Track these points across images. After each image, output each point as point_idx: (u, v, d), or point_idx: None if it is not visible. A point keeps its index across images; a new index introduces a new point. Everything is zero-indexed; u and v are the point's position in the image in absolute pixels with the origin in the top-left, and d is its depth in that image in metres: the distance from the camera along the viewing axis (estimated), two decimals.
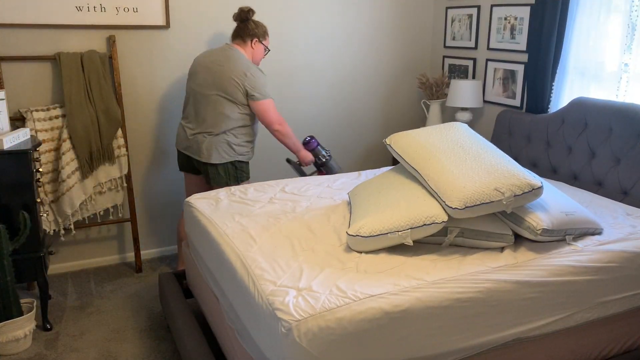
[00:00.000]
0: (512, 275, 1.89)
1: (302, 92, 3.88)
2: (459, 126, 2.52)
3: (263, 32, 3.11)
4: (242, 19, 3.06)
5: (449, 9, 4.01)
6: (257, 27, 3.07)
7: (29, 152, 2.62)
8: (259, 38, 3.09)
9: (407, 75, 4.22)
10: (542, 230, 2.05)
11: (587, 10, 3.02)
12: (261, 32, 3.09)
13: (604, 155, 2.81)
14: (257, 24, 3.08)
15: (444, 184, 2.10)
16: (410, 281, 1.80)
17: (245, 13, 3.04)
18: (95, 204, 3.29)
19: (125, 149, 3.28)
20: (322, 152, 3.24)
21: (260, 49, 3.12)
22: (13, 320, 2.56)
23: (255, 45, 3.08)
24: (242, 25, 3.07)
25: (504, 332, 1.87)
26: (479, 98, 3.69)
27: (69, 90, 3.06)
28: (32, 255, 2.72)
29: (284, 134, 3.06)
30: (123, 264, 3.58)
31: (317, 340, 1.59)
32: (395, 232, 2.00)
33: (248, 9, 3.04)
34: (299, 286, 1.76)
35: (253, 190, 2.78)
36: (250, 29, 3.05)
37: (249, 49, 3.07)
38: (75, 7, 3.10)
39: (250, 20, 3.06)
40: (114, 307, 3.04)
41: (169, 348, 2.66)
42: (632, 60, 2.84)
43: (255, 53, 3.11)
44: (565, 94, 3.22)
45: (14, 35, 3.04)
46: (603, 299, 2.06)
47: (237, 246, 2.09)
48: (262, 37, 3.10)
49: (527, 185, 2.04)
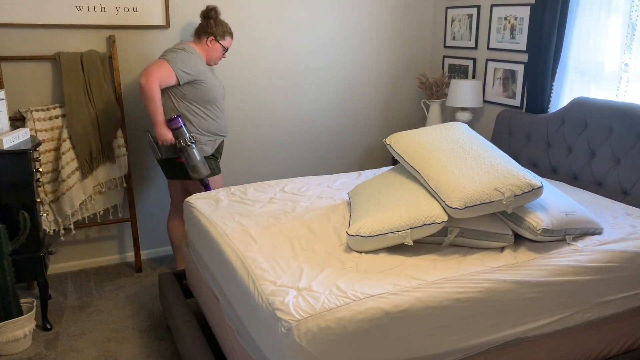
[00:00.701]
0: (512, 275, 1.89)
1: (302, 92, 3.88)
2: (459, 126, 2.52)
3: (222, 32, 3.07)
4: (205, 16, 3.07)
5: (449, 9, 4.01)
6: (216, 26, 3.05)
7: (28, 152, 2.62)
8: (216, 37, 3.05)
9: (407, 75, 4.22)
10: (542, 230, 2.05)
11: (587, 10, 3.02)
12: (219, 32, 3.06)
13: (604, 155, 2.81)
14: (217, 23, 3.06)
15: (444, 183, 2.10)
16: (410, 281, 1.80)
17: (208, 11, 3.05)
18: (95, 204, 3.29)
19: (125, 149, 3.28)
20: (185, 136, 2.90)
21: (216, 48, 3.08)
22: (13, 320, 2.56)
23: (211, 43, 3.06)
24: (204, 22, 3.07)
25: (504, 332, 1.87)
26: (479, 98, 3.69)
27: (69, 90, 3.07)
28: (32, 255, 2.72)
29: (146, 94, 2.79)
30: (123, 264, 3.58)
31: (317, 340, 1.59)
32: (395, 232, 2.00)
33: (212, 7, 3.05)
34: (299, 286, 1.76)
35: (253, 190, 2.78)
36: (209, 27, 3.04)
37: (203, 46, 3.06)
38: (75, 7, 3.10)
39: (212, 18, 3.05)
40: (114, 307, 3.04)
41: (169, 348, 2.66)
42: (632, 60, 2.84)
43: (211, 51, 3.07)
44: (565, 94, 3.22)
45: (14, 35, 3.04)
46: (603, 299, 2.06)
47: (237, 246, 2.09)
48: (220, 36, 3.07)
49: (527, 185, 2.04)
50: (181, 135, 2.90)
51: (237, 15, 3.54)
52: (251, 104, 3.72)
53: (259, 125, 3.80)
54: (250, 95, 3.70)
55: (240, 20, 3.56)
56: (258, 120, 3.78)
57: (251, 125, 3.75)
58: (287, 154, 3.94)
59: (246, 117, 3.73)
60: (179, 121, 2.90)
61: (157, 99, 2.81)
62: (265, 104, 3.78)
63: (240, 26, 3.57)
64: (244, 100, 3.70)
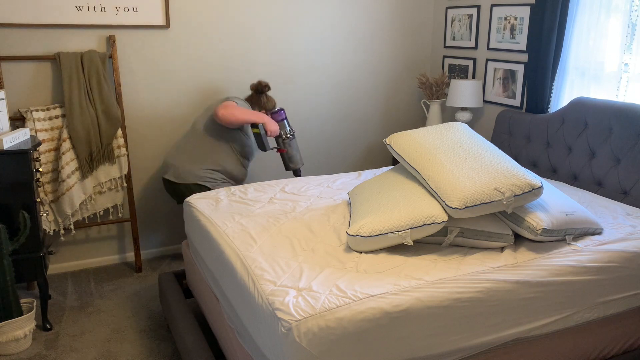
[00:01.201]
0: (512, 275, 1.89)
1: (302, 92, 3.88)
2: (459, 126, 2.52)
3: (272, 107, 3.31)
4: (258, 90, 3.28)
5: (449, 9, 4.01)
6: (267, 102, 3.29)
7: (28, 152, 2.62)
8: (267, 111, 3.28)
9: (407, 75, 4.22)
10: (542, 230, 2.05)
11: (587, 10, 3.02)
12: (270, 107, 3.30)
13: (604, 155, 2.81)
14: (269, 99, 3.30)
15: (444, 183, 2.10)
16: (410, 281, 1.80)
17: (263, 87, 3.26)
18: (95, 204, 3.29)
19: (125, 149, 3.27)
20: (287, 128, 3.21)
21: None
22: (13, 320, 2.56)
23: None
24: (256, 96, 3.30)
25: (504, 332, 1.87)
26: (479, 98, 3.69)
27: (69, 90, 3.06)
28: (32, 255, 2.72)
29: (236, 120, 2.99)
30: (123, 264, 3.58)
31: (317, 340, 1.59)
32: (395, 232, 2.00)
33: (266, 84, 3.26)
34: (299, 286, 1.76)
35: (253, 190, 2.78)
36: (261, 102, 3.29)
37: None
38: (75, 7, 3.10)
39: (264, 94, 3.29)
40: (113, 307, 3.04)
41: (169, 348, 2.66)
42: (632, 60, 2.84)
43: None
44: (565, 94, 3.22)
45: (14, 35, 3.04)
46: (603, 299, 2.06)
47: (237, 246, 2.09)
48: (269, 111, 3.29)
49: (527, 185, 2.04)
50: (283, 128, 3.19)
51: (237, 15, 3.54)
52: None
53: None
54: None
55: (240, 20, 3.56)
56: None
57: None
58: None
59: None
60: (283, 114, 3.19)
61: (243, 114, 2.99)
62: None
63: (240, 26, 3.57)
64: None
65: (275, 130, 3.12)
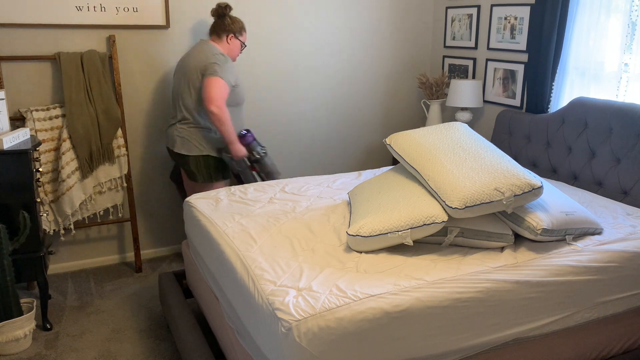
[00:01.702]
0: (512, 275, 1.89)
1: (302, 92, 3.88)
2: (458, 126, 2.52)
3: (239, 28, 3.12)
4: (219, 14, 3.09)
5: (449, 9, 4.01)
6: (233, 23, 3.09)
7: (28, 152, 2.62)
8: (235, 34, 3.10)
9: (407, 75, 4.22)
10: (542, 230, 2.05)
11: (587, 10, 3.02)
12: (237, 28, 3.10)
13: (604, 155, 2.81)
14: (233, 20, 3.10)
15: (444, 183, 2.10)
16: (410, 281, 1.80)
17: (223, 8, 3.07)
18: (95, 203, 3.29)
19: (125, 148, 3.27)
20: (257, 149, 3.12)
21: (236, 45, 3.15)
22: (13, 320, 2.56)
23: (231, 41, 3.11)
24: (219, 20, 3.10)
25: (504, 332, 1.87)
26: (479, 98, 3.69)
27: (69, 90, 3.06)
28: (32, 255, 2.72)
29: (220, 119, 2.91)
30: (123, 264, 3.58)
31: (317, 340, 1.59)
32: (395, 232, 2.00)
33: (225, 5, 3.07)
34: (299, 286, 1.76)
35: (253, 190, 2.78)
36: (226, 25, 3.07)
37: (224, 44, 3.11)
38: (75, 7, 3.10)
39: (227, 15, 3.09)
40: (113, 307, 3.04)
41: (169, 348, 2.66)
42: (632, 60, 2.84)
43: (231, 48, 3.13)
44: (565, 94, 3.22)
45: (14, 35, 3.04)
46: (603, 299, 2.06)
47: (237, 246, 2.09)
48: (239, 32, 3.12)
49: (527, 185, 2.04)
50: (254, 148, 3.10)
51: (237, 15, 3.53)
52: (251, 104, 3.72)
53: (259, 126, 3.80)
54: (250, 96, 3.70)
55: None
56: (258, 120, 3.78)
57: (251, 125, 3.75)
58: (287, 154, 3.94)
59: (246, 117, 3.72)
60: (250, 137, 3.10)
61: (229, 120, 2.94)
62: (266, 104, 3.78)
63: None
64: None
65: (241, 155, 3.05)
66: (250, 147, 3.10)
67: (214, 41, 3.11)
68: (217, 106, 2.88)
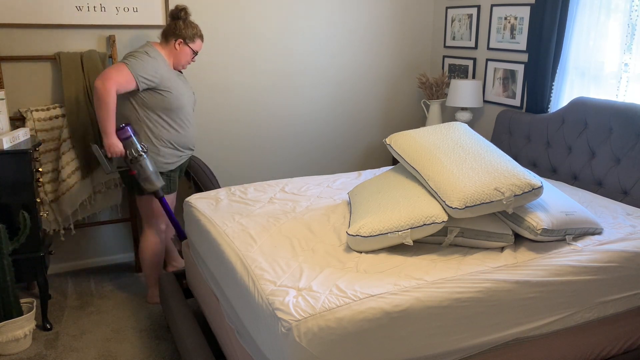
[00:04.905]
0: (512, 275, 1.90)
1: (302, 92, 3.88)
2: (458, 126, 2.52)
3: (192, 35, 2.86)
4: (173, 16, 2.86)
5: (449, 9, 4.01)
6: (185, 28, 2.83)
7: (28, 152, 2.62)
8: (185, 39, 2.84)
9: (407, 75, 4.22)
10: (542, 230, 2.05)
11: (587, 10, 3.02)
12: (189, 34, 2.85)
13: (604, 155, 2.81)
14: (187, 25, 2.85)
15: (444, 183, 2.10)
16: (410, 281, 1.80)
17: (178, 11, 2.84)
18: (95, 203, 3.28)
19: None
20: (137, 146, 2.71)
21: (185, 52, 2.87)
22: (13, 320, 2.56)
23: (180, 46, 2.85)
24: (172, 23, 2.86)
25: (504, 332, 1.87)
26: (479, 98, 3.69)
27: (69, 90, 3.06)
28: (32, 255, 2.72)
29: (100, 98, 2.57)
30: (123, 264, 3.58)
31: (317, 340, 1.59)
32: (395, 232, 2.00)
33: (182, 7, 2.83)
34: (299, 286, 1.76)
35: (253, 190, 2.78)
36: (177, 28, 2.83)
37: (171, 49, 2.86)
38: (75, 7, 3.10)
39: (181, 19, 2.85)
40: (113, 307, 3.04)
41: (169, 348, 2.66)
42: (632, 60, 2.84)
43: (179, 55, 2.87)
44: (565, 94, 3.22)
45: (14, 35, 3.04)
46: (603, 299, 2.06)
47: (237, 246, 2.09)
48: (190, 39, 2.86)
49: (527, 185, 2.04)
50: (132, 146, 2.69)
51: (237, 16, 3.54)
52: (251, 104, 3.72)
53: (259, 125, 3.80)
54: (250, 96, 3.70)
55: (239, 21, 3.56)
56: (258, 120, 3.78)
57: (251, 125, 3.75)
58: (287, 154, 3.94)
59: (246, 117, 3.73)
60: (128, 130, 2.69)
61: (111, 106, 2.59)
62: (265, 104, 3.78)
63: (240, 26, 3.56)
64: (244, 100, 3.70)
65: (115, 150, 2.68)
66: (127, 144, 2.69)
67: (159, 44, 2.87)
68: (102, 82, 2.55)
